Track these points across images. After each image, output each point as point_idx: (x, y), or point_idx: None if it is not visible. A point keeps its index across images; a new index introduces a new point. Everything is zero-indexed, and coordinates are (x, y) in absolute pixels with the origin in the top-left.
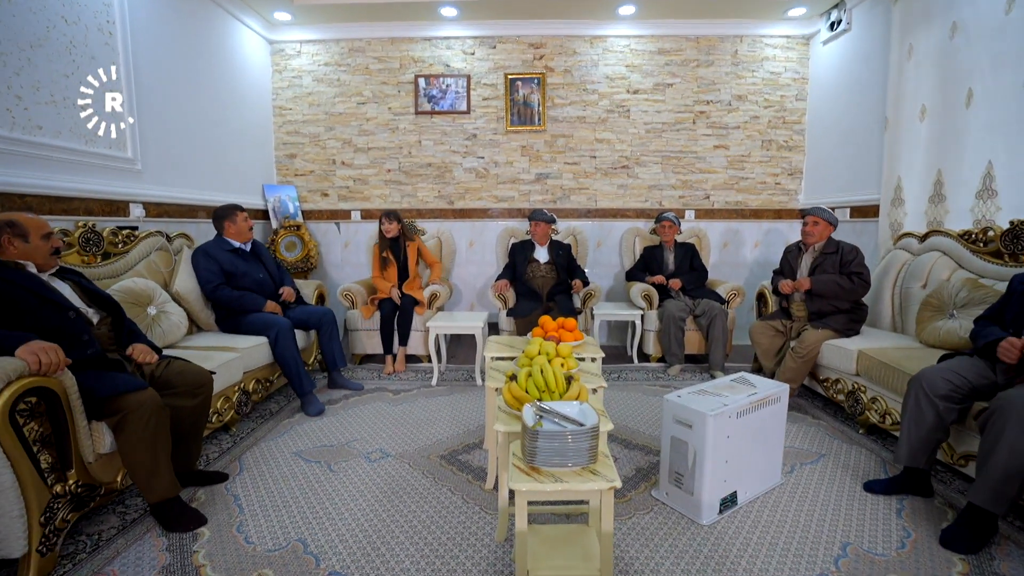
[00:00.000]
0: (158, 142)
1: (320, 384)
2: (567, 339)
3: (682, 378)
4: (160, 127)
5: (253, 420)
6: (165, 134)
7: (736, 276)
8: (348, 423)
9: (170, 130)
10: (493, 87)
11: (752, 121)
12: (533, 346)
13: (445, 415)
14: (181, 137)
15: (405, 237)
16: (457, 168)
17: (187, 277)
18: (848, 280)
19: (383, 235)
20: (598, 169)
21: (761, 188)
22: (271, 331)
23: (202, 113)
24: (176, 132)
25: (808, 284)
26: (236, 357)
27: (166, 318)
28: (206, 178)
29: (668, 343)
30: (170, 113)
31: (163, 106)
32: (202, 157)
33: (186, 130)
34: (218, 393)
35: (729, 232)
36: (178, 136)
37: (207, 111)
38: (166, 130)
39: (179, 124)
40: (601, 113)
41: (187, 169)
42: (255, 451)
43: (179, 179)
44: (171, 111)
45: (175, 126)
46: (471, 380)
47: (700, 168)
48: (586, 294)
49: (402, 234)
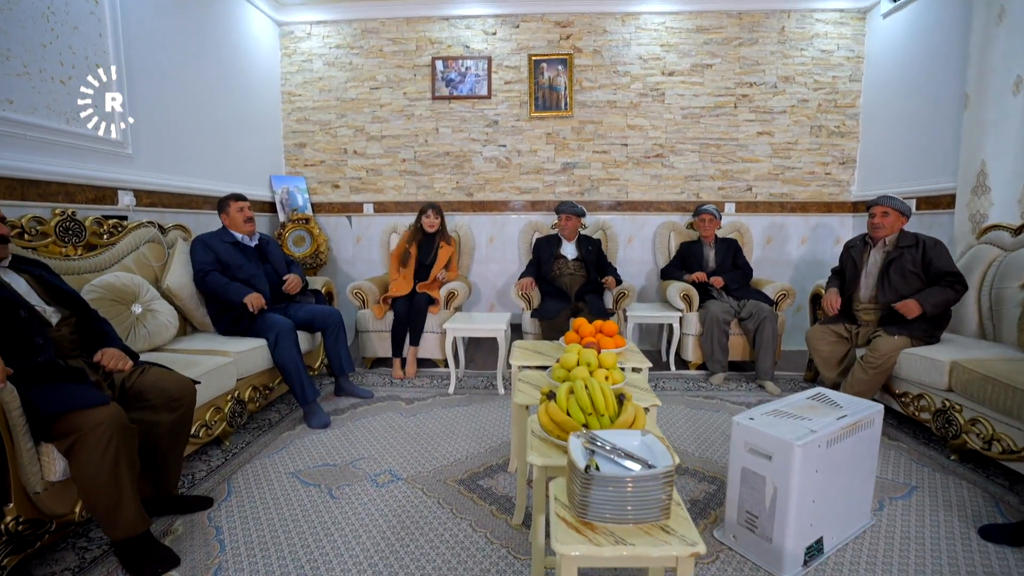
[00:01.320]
0: (152, 125)
1: (327, 391)
2: (607, 345)
3: (726, 388)
4: (155, 109)
5: (249, 432)
6: (161, 117)
7: (780, 275)
8: (355, 437)
9: (167, 113)
10: (516, 70)
11: (800, 105)
12: (570, 354)
13: (464, 429)
14: (180, 121)
15: (441, 236)
16: (477, 157)
17: (181, 272)
18: (952, 290)
19: (420, 228)
20: (629, 158)
21: (809, 179)
22: (270, 333)
23: (204, 97)
24: (174, 115)
25: (917, 309)
26: (228, 362)
27: (153, 317)
28: (207, 166)
29: (711, 348)
30: (167, 95)
31: (159, 87)
32: (203, 144)
33: (185, 114)
34: (207, 403)
35: (773, 227)
36: (176, 120)
37: (210, 95)
38: (162, 113)
39: (177, 107)
40: (633, 97)
41: (186, 156)
42: (248, 470)
43: (176, 166)
44: (168, 93)
45: (173, 109)
46: (492, 388)
47: (741, 157)
48: (618, 294)
49: (439, 232)
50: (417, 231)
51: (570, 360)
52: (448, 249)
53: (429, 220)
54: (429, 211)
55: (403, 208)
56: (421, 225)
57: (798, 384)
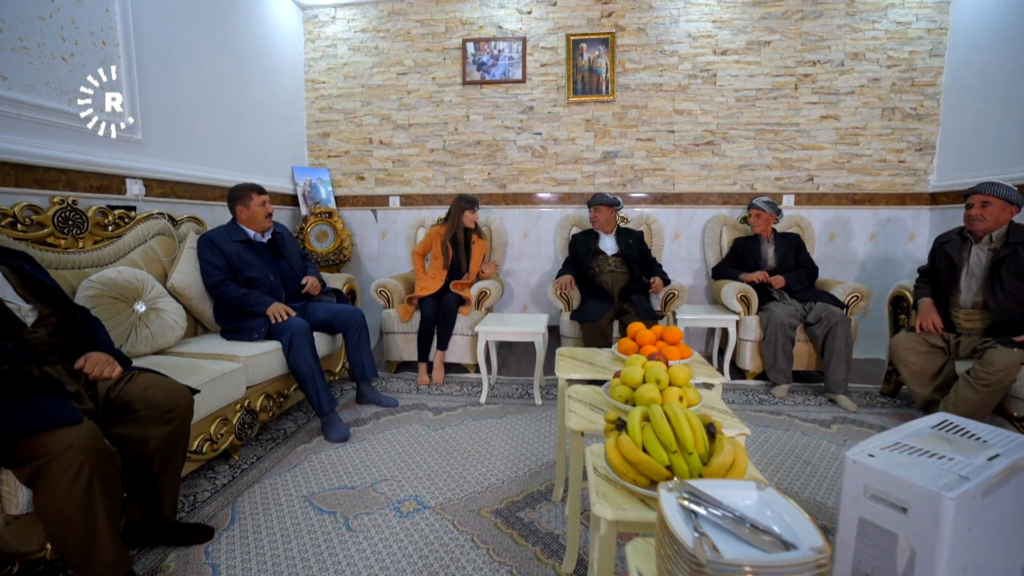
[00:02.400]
0: (165, 109)
1: (348, 397)
2: (671, 355)
3: (791, 401)
4: (168, 92)
5: (262, 444)
6: (174, 101)
7: (844, 275)
8: (377, 453)
9: (181, 98)
10: (553, 51)
11: (870, 85)
12: (633, 368)
13: (499, 446)
14: (195, 107)
15: (474, 230)
16: (510, 146)
17: (190, 268)
18: None
19: (458, 223)
20: (677, 146)
21: (880, 167)
22: (284, 335)
23: (222, 82)
24: (189, 100)
25: None
26: (236, 368)
27: (158, 317)
28: (225, 155)
29: (773, 356)
30: (181, 78)
31: (172, 69)
32: (221, 132)
33: (201, 100)
34: (212, 415)
35: (837, 221)
36: (191, 105)
37: (228, 80)
38: (176, 97)
39: (193, 92)
40: (681, 79)
41: (202, 144)
42: (256, 491)
43: (191, 154)
44: (183, 76)
45: (188, 94)
46: (527, 397)
47: (802, 144)
48: (667, 294)
49: (475, 228)
50: (453, 226)
51: (634, 375)
52: (482, 244)
53: (474, 215)
54: (469, 205)
55: (431, 201)
56: (461, 219)
57: (875, 399)
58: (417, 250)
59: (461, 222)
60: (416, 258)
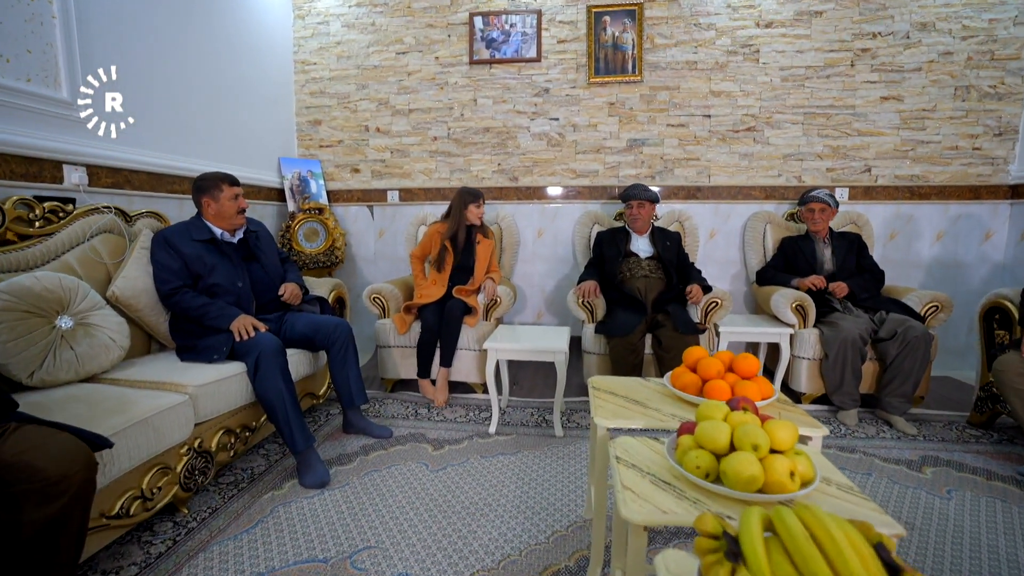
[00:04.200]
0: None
1: (334, 424)
2: (750, 394)
3: (862, 432)
4: (127, 65)
5: (220, 490)
6: (135, 76)
7: (906, 280)
8: (361, 506)
9: (144, 73)
10: (572, 25)
11: (941, 60)
12: (715, 427)
13: (513, 494)
14: (163, 85)
15: (479, 228)
16: (523, 134)
17: (139, 272)
18: None
19: (460, 219)
20: (713, 133)
21: (950, 156)
22: (249, 356)
23: (197, 58)
24: (155, 77)
25: None
26: (179, 403)
27: (87, 335)
28: (199, 143)
29: (840, 378)
30: (144, 49)
31: (132, 38)
32: (195, 114)
33: (171, 77)
34: (147, 463)
35: (898, 218)
36: (159, 83)
37: (205, 56)
38: (137, 71)
39: (160, 67)
40: (719, 56)
41: (170, 127)
42: (199, 564)
43: (154, 139)
44: (146, 47)
45: (154, 69)
46: (545, 426)
47: (858, 129)
48: (708, 304)
49: (481, 226)
50: (455, 223)
51: (717, 437)
52: (488, 243)
53: (479, 210)
54: (475, 199)
55: (434, 196)
56: (464, 215)
57: (964, 431)
58: (415, 252)
59: (464, 218)
60: (415, 262)
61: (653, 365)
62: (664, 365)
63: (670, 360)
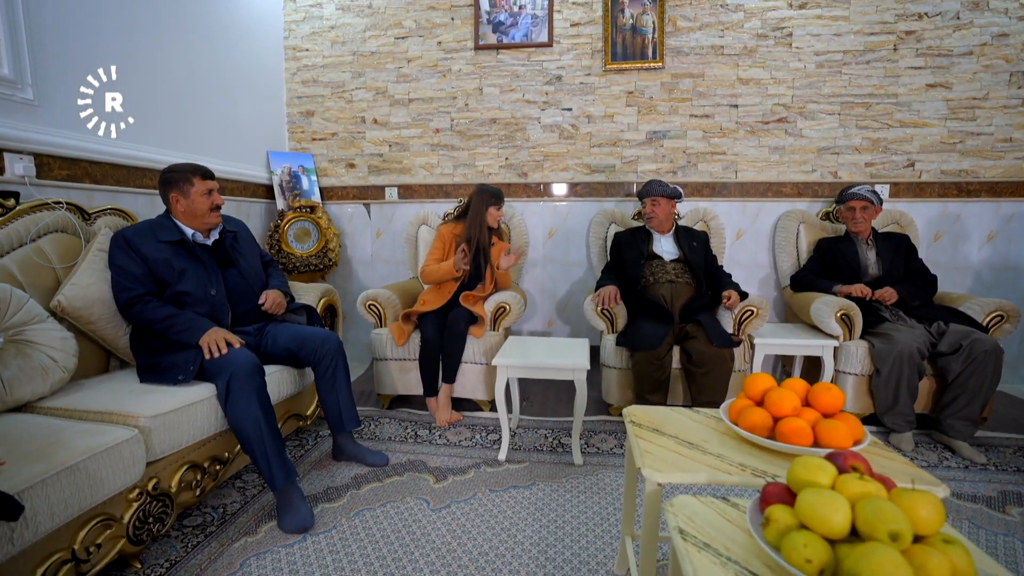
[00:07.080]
0: (82, 64)
1: (323, 449)
2: (839, 439)
3: (922, 459)
4: (89, 42)
5: (183, 536)
6: (99, 56)
7: (953, 285)
8: (348, 559)
9: (113, 54)
10: (586, 7)
11: (995, 43)
12: (824, 502)
13: (529, 540)
14: (136, 68)
15: (497, 233)
16: (533, 126)
17: (94, 278)
18: None
19: (481, 222)
20: (740, 124)
21: (1003, 149)
22: (220, 377)
23: (179, 43)
24: (120, 56)
25: None
26: (126, 439)
27: (20, 355)
28: (177, 134)
29: (893, 396)
30: (112, 24)
31: (95, 13)
32: (173, 103)
33: (145, 60)
34: (84, 516)
35: (945, 218)
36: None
37: (186, 40)
38: (102, 51)
39: (130, 47)
40: (748, 40)
41: (141, 115)
42: None
43: (122, 128)
44: (115, 23)
45: (120, 47)
46: (562, 451)
47: (901, 120)
48: (743, 312)
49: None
50: (475, 225)
51: (831, 517)
52: (502, 246)
53: (499, 212)
54: (494, 199)
55: (435, 193)
56: (484, 218)
57: None
58: (435, 257)
59: (485, 221)
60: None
61: (681, 381)
62: (695, 382)
63: (702, 376)
